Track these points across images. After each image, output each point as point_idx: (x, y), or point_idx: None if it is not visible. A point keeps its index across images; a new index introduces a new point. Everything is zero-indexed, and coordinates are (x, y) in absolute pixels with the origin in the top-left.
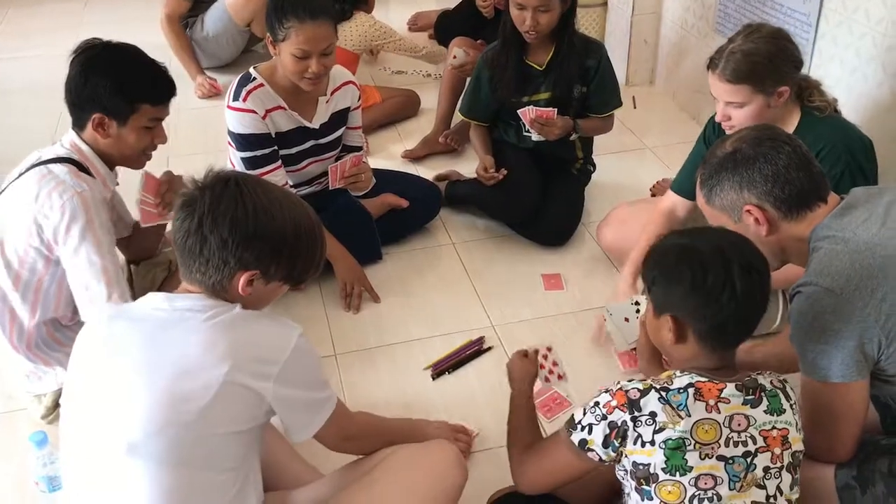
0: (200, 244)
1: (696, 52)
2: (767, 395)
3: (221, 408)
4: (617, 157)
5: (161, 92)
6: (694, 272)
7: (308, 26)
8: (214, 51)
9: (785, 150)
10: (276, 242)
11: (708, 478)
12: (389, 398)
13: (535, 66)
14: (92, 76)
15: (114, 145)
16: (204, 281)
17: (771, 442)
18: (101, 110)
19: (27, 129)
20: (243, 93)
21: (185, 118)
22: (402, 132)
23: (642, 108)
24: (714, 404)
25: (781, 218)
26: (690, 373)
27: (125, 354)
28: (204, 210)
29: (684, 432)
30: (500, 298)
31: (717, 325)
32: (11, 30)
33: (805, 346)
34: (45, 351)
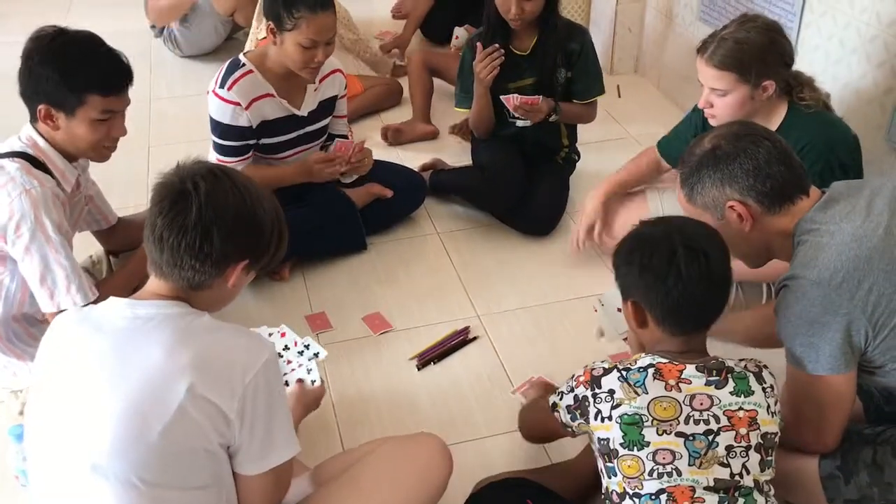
0: (201, 240)
1: (681, 41)
2: (734, 376)
3: (185, 424)
4: (601, 145)
5: (111, 81)
6: (642, 256)
7: (319, 17)
8: (196, 40)
9: (764, 144)
10: (267, 230)
11: (666, 452)
12: (375, 389)
13: (519, 53)
14: (36, 66)
15: (65, 137)
16: (191, 278)
17: (736, 422)
18: (47, 101)
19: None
20: (229, 81)
21: (167, 107)
22: (385, 121)
23: (626, 96)
24: (674, 384)
25: (764, 212)
26: (654, 355)
27: (88, 368)
28: (201, 204)
29: (640, 408)
30: (485, 288)
31: (668, 307)
32: None
33: (792, 338)
34: (18, 346)
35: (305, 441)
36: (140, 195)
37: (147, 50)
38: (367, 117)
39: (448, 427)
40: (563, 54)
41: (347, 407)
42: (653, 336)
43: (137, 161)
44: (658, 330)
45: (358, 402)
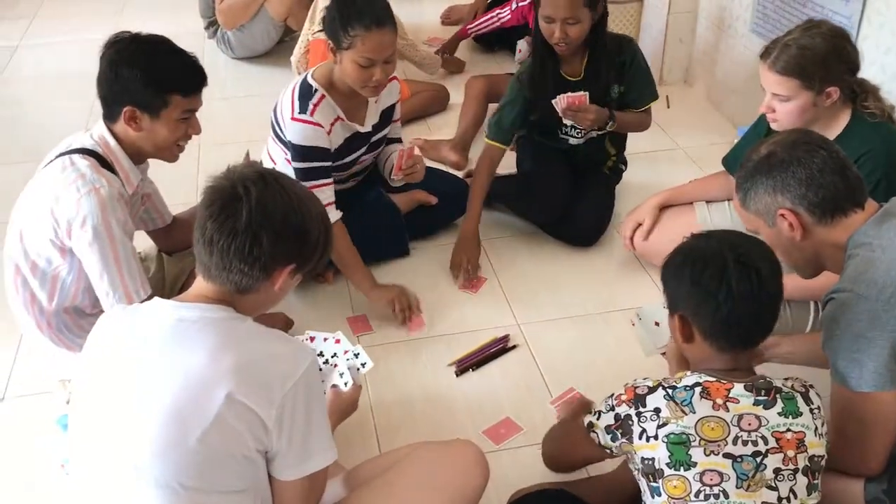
0: (251, 244)
1: (732, 53)
2: (783, 397)
3: (223, 430)
4: (649, 156)
5: (192, 82)
6: (693, 271)
7: (374, 34)
8: (249, 43)
9: (819, 154)
10: (313, 234)
11: (714, 474)
12: (413, 393)
13: (571, 78)
14: (122, 70)
15: (147, 138)
16: (239, 282)
17: (784, 444)
18: (133, 104)
19: (61, 114)
20: (310, 106)
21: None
22: (431, 126)
23: (676, 107)
24: (722, 403)
25: (815, 223)
26: (700, 373)
27: (132, 370)
28: (252, 208)
29: (687, 427)
30: (526, 297)
31: (717, 323)
32: (50, 14)
33: (836, 352)
34: (67, 336)
35: (342, 442)
36: (189, 194)
37: (199, 51)
38: (413, 122)
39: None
40: (615, 70)
41: (385, 410)
42: (699, 352)
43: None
44: (705, 345)
45: (396, 405)
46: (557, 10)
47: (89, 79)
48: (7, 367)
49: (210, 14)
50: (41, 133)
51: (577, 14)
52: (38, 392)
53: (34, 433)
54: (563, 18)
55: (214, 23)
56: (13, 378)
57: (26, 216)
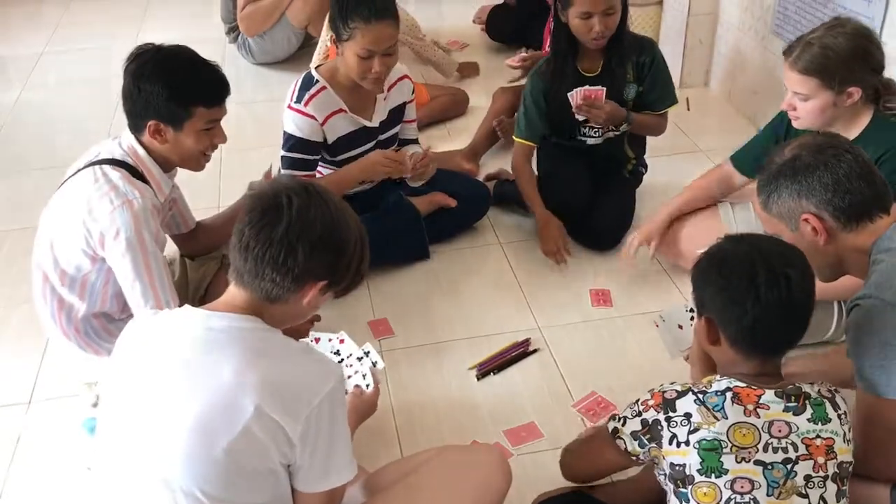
0: (285, 254)
1: (753, 54)
2: (812, 403)
3: (249, 442)
4: (669, 159)
5: (215, 93)
6: (721, 275)
7: (373, 26)
8: (270, 49)
9: (846, 158)
10: (349, 253)
11: (745, 481)
12: (434, 396)
13: (588, 74)
14: (144, 84)
15: (172, 150)
16: (269, 291)
17: (814, 451)
18: (157, 117)
19: (85, 121)
20: (306, 97)
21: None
22: (451, 131)
23: (697, 110)
24: (753, 409)
25: (840, 228)
26: (730, 378)
27: (161, 379)
28: (291, 219)
29: (719, 434)
30: (547, 300)
31: (743, 330)
32: (74, 21)
33: (862, 360)
34: (96, 340)
35: (364, 444)
36: (211, 199)
37: (221, 58)
38: (432, 126)
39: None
40: (634, 69)
41: (407, 413)
42: (724, 355)
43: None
44: (730, 350)
45: (417, 408)
46: (597, 4)
47: (113, 85)
48: (34, 371)
49: (231, 20)
50: (65, 140)
51: (614, 4)
52: (65, 396)
53: (60, 436)
54: (602, 11)
55: (236, 28)
56: (39, 382)
57: (57, 225)
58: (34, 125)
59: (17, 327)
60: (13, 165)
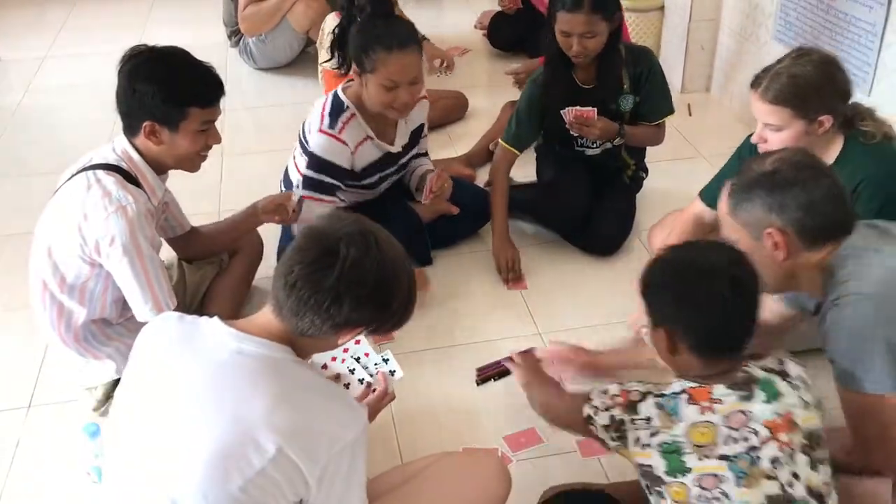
0: (330, 303)
1: (755, 60)
2: (761, 385)
3: (265, 482)
4: (670, 164)
5: (209, 94)
6: (678, 285)
7: (395, 56)
8: (271, 54)
9: (824, 182)
10: (396, 306)
11: (710, 478)
12: (435, 402)
13: (584, 85)
14: (138, 85)
15: (167, 151)
16: (305, 330)
17: (776, 430)
18: (151, 118)
19: (87, 125)
20: (339, 123)
21: (240, 117)
22: (452, 135)
23: (698, 115)
24: (708, 405)
25: (802, 247)
26: (683, 381)
27: (183, 398)
28: (343, 270)
29: (677, 436)
30: (548, 306)
31: (705, 337)
32: (77, 25)
33: (844, 356)
34: (94, 345)
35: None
36: (212, 204)
37: (223, 62)
38: (433, 130)
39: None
40: (630, 80)
41: (407, 419)
42: (685, 363)
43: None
44: (691, 357)
45: (417, 414)
46: (575, 25)
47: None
48: (33, 376)
49: (234, 23)
50: (68, 144)
51: (594, 28)
52: (64, 400)
53: (60, 441)
54: (580, 33)
55: (238, 32)
56: (39, 386)
57: (53, 232)
58: (36, 129)
59: (17, 331)
60: (15, 169)
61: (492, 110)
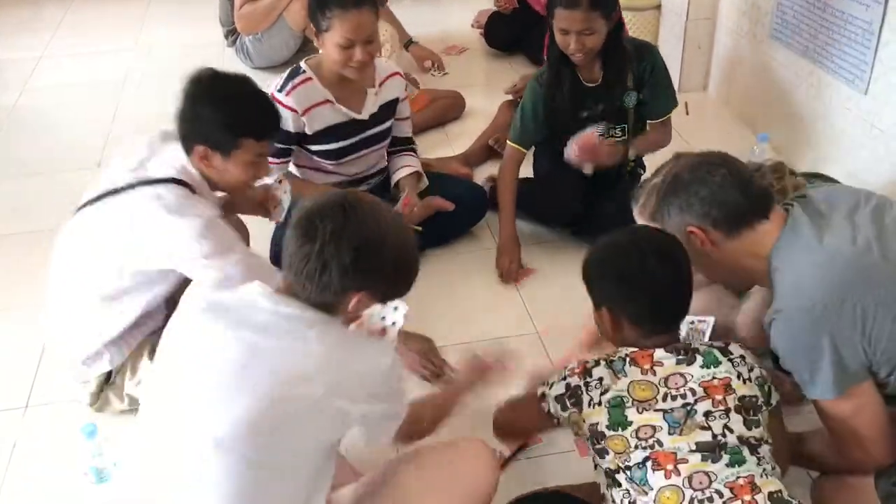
0: (320, 270)
1: (752, 59)
2: (702, 353)
3: (309, 424)
4: None
5: (266, 127)
6: (615, 266)
7: (351, 15)
8: (268, 53)
9: (720, 172)
10: (388, 267)
11: (647, 428)
12: None
13: (588, 84)
14: (199, 108)
15: (217, 176)
16: (315, 300)
17: (712, 390)
18: (206, 143)
19: (84, 124)
20: (289, 86)
21: None
22: (449, 134)
23: (695, 114)
24: (649, 368)
25: (723, 237)
26: (628, 348)
27: (223, 353)
28: (325, 237)
29: (621, 391)
30: (546, 305)
31: (643, 310)
32: (73, 25)
33: (795, 368)
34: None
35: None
36: None
37: (220, 61)
38: (431, 130)
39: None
40: (634, 77)
41: None
42: (628, 337)
43: None
44: (633, 331)
45: None
46: (573, 23)
47: (111, 89)
48: (30, 376)
49: (230, 22)
50: (64, 143)
51: (592, 25)
52: (61, 400)
53: (57, 441)
54: (578, 31)
55: (234, 31)
56: (36, 386)
57: (101, 239)
58: (33, 129)
59: (14, 331)
60: (12, 169)
61: (489, 109)
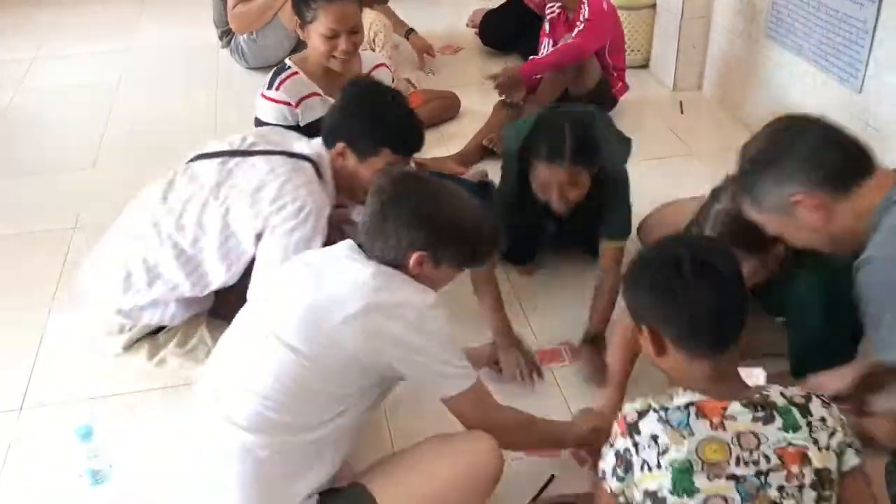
0: (381, 225)
1: (747, 58)
2: (780, 411)
3: (348, 334)
4: (663, 162)
5: (406, 145)
6: (647, 275)
7: (335, 5)
8: (263, 53)
9: (807, 135)
10: (445, 230)
11: (718, 499)
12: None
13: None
14: (351, 107)
15: (348, 175)
16: (383, 257)
17: (788, 459)
18: (347, 141)
19: (77, 125)
20: (277, 81)
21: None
22: (444, 134)
23: (690, 113)
24: (719, 422)
25: (831, 200)
26: (693, 392)
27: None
28: (389, 197)
29: (689, 453)
30: (547, 315)
31: (683, 324)
32: (66, 26)
33: (876, 323)
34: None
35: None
36: None
37: (215, 61)
38: (426, 130)
39: None
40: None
41: (401, 418)
42: (674, 363)
43: None
44: (678, 354)
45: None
46: (555, 176)
47: (105, 90)
48: (25, 378)
49: (224, 23)
50: (58, 144)
51: (576, 179)
52: (56, 402)
53: (52, 443)
54: (561, 184)
55: (228, 32)
56: (31, 388)
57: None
58: (27, 129)
59: (9, 332)
60: (6, 169)
61: (484, 109)
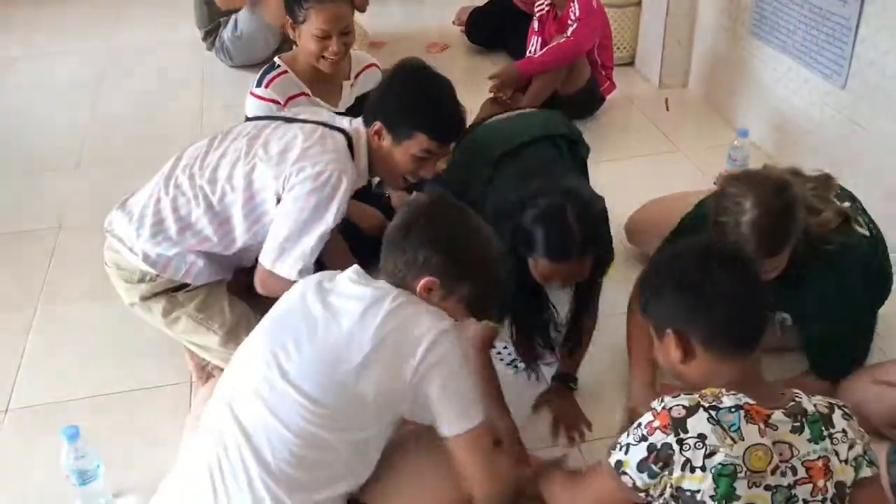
0: (404, 235)
1: (732, 55)
2: (808, 421)
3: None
4: (650, 159)
5: (442, 132)
6: (672, 275)
7: (327, 6)
8: (247, 50)
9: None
10: (465, 261)
11: None
12: None
13: None
14: (395, 87)
15: (382, 156)
16: (394, 273)
17: (815, 473)
18: (384, 121)
19: (59, 124)
20: (266, 80)
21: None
22: None
23: (675, 110)
24: (763, 428)
25: None
26: (738, 395)
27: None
28: (421, 211)
29: (737, 458)
30: None
31: (713, 323)
32: (47, 25)
33: None
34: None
35: None
36: None
37: (199, 61)
38: None
39: None
40: None
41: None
42: (700, 367)
43: None
44: (707, 357)
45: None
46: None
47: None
48: (10, 379)
49: (207, 24)
50: (40, 143)
51: (583, 270)
52: (42, 403)
53: (38, 444)
54: (564, 276)
55: (211, 33)
56: (16, 389)
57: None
58: (9, 129)
59: None
60: None
61: (471, 107)
